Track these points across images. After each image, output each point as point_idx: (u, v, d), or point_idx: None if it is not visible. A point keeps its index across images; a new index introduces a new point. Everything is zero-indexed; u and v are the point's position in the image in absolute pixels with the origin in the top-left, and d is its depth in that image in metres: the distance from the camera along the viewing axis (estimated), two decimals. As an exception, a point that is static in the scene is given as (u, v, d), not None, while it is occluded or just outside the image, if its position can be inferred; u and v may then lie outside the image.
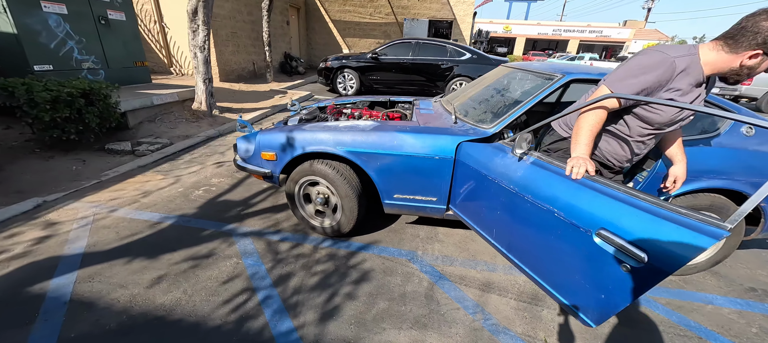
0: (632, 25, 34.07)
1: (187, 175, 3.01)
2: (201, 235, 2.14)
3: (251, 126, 2.33)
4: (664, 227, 0.97)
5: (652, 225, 0.99)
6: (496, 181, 1.51)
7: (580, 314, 1.22)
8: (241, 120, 2.33)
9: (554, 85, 1.78)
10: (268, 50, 8.06)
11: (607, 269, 1.09)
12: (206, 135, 4.07)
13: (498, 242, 1.60)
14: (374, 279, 1.81)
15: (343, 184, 1.95)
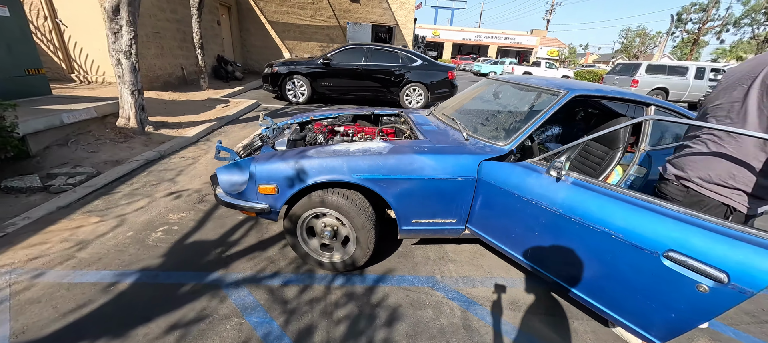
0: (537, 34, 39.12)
1: (134, 213, 2.44)
2: (179, 292, 1.72)
3: (235, 153, 1.96)
4: (742, 248, 1.03)
5: (728, 246, 1.05)
6: (534, 202, 1.50)
7: (641, 332, 1.27)
8: (220, 146, 1.95)
9: (561, 101, 1.85)
10: (201, 53, 7.16)
11: (680, 290, 1.13)
12: (143, 158, 3.38)
13: (533, 263, 1.59)
14: (405, 316, 1.66)
15: (358, 215, 1.75)
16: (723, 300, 1.06)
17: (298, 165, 1.70)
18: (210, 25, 9.09)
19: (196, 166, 3.41)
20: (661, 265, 1.16)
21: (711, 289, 1.07)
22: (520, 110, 2.19)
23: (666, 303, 1.19)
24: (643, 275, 1.22)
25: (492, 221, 1.73)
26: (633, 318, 1.31)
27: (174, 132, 4.29)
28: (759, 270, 1.00)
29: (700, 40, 27.52)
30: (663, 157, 1.93)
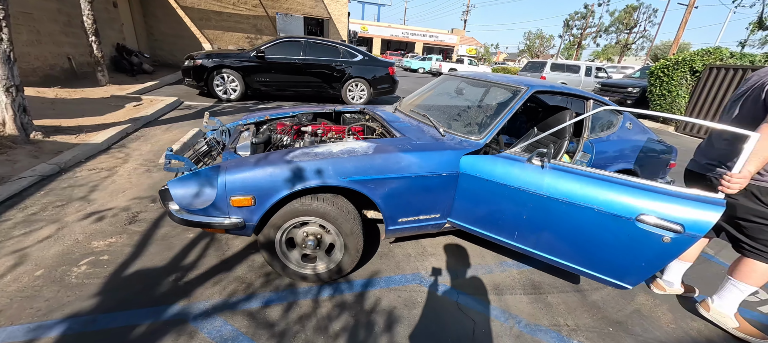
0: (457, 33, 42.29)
1: (38, 246, 1.90)
2: (133, 336, 1.40)
3: (191, 162, 1.65)
4: (689, 203, 1.34)
5: (678, 203, 1.35)
6: (521, 189, 1.61)
7: (616, 281, 1.53)
8: (171, 154, 1.63)
9: (524, 96, 2.02)
10: (96, 41, 5.93)
11: (649, 243, 1.40)
12: (36, 173, 2.65)
13: (521, 243, 1.73)
14: (403, 318, 1.64)
15: (346, 220, 1.65)
16: (680, 246, 1.36)
17: (278, 172, 1.52)
18: (103, 6, 7.55)
19: (115, 179, 2.81)
20: (635, 227, 1.40)
21: (672, 239, 1.35)
22: (487, 105, 2.33)
23: (639, 255, 1.46)
24: (621, 238, 1.46)
25: (477, 212, 1.80)
26: (612, 273, 1.56)
27: (74, 138, 3.47)
28: (704, 221, 1.31)
29: (582, 43, 33.13)
30: (599, 144, 2.27)
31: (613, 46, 34.86)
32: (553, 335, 1.62)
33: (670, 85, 7.74)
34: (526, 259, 2.21)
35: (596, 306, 1.85)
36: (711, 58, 7.23)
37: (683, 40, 36.08)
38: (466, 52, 40.78)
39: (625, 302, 1.89)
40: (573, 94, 2.26)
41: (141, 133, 4.09)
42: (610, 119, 2.45)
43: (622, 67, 18.42)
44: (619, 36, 32.23)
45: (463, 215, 1.87)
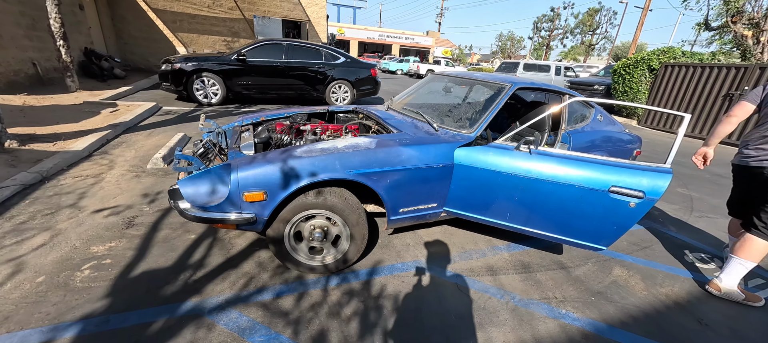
0: (433, 35, 43.10)
1: (34, 253, 1.86)
2: (150, 332, 1.43)
3: (199, 161, 1.69)
4: (646, 173, 1.61)
5: (640, 176, 1.62)
6: (512, 173, 1.79)
7: (592, 245, 1.78)
8: (180, 155, 1.66)
9: (509, 92, 2.19)
10: (64, 45, 5.66)
11: (619, 209, 1.66)
12: (18, 182, 2.55)
13: (512, 222, 1.91)
14: (408, 301, 1.75)
15: (352, 211, 1.75)
16: (642, 209, 1.64)
17: (288, 166, 1.60)
18: (70, 9, 7.19)
19: (103, 185, 2.75)
20: (608, 197, 1.66)
21: (636, 204, 1.61)
22: (475, 101, 2.50)
23: (611, 220, 1.71)
24: (597, 207, 1.70)
25: (472, 199, 1.95)
26: (591, 238, 1.80)
27: (52, 146, 3.34)
28: (658, 186, 1.59)
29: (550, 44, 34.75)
30: (575, 135, 2.49)
31: (578, 47, 36.83)
32: (545, 306, 1.79)
33: (631, 81, 8.36)
34: (516, 241, 2.39)
35: (579, 280, 2.04)
36: (665, 57, 7.89)
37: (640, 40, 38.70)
38: (442, 54, 41.64)
39: (603, 276, 2.11)
40: (551, 90, 2.47)
41: (122, 139, 3.98)
42: (584, 112, 2.69)
43: (587, 67, 19.55)
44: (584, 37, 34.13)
45: (459, 203, 2.01)
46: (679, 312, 1.84)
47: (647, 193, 1.61)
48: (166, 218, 2.33)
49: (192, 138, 4.16)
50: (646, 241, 2.61)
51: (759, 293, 2.05)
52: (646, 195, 1.61)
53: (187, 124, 4.88)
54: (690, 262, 2.35)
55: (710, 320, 1.80)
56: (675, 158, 5.27)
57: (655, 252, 2.44)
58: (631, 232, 2.73)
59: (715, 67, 6.89)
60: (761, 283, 2.19)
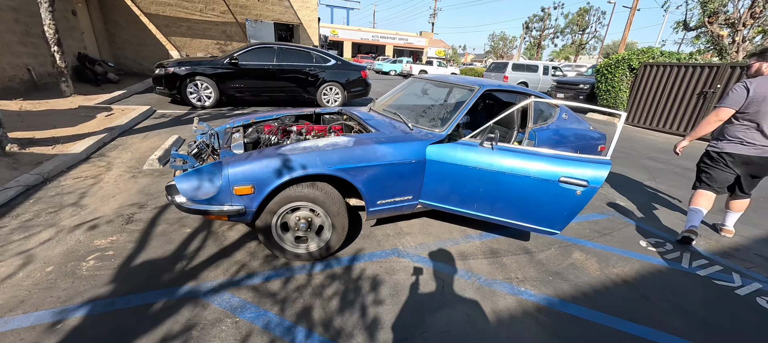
0: (426, 36, 43.41)
1: (41, 247, 2.03)
2: (152, 312, 1.61)
3: (194, 160, 1.88)
4: (589, 165, 1.83)
5: (584, 167, 1.84)
6: (478, 167, 2.00)
7: (547, 229, 1.98)
8: (176, 154, 1.84)
9: (477, 94, 2.41)
10: (59, 51, 5.78)
11: (568, 196, 1.88)
12: (21, 183, 2.71)
13: (478, 211, 2.12)
14: (386, 281, 1.96)
15: (333, 203, 1.95)
16: (587, 196, 1.86)
17: (274, 163, 1.79)
18: (63, 15, 7.28)
19: (102, 186, 2.92)
20: (558, 187, 1.87)
21: (582, 191, 1.84)
22: (448, 103, 2.71)
23: (561, 207, 1.93)
24: (549, 196, 1.92)
25: (443, 191, 2.16)
26: (545, 224, 2.02)
27: (50, 149, 3.48)
28: (599, 176, 1.83)
29: (541, 44, 35.21)
30: (541, 132, 2.71)
31: (569, 46, 37.39)
32: (506, 286, 2.01)
33: (613, 81, 8.66)
34: (488, 231, 2.60)
35: (541, 263, 2.26)
36: (644, 57, 8.20)
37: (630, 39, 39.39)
38: (435, 54, 41.95)
39: (563, 259, 2.33)
40: (516, 91, 2.70)
41: (118, 142, 4.13)
42: (550, 111, 2.91)
43: (576, 66, 19.94)
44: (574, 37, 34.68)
45: (432, 195, 2.22)
46: (626, 288, 2.06)
47: (590, 181, 1.83)
48: (163, 215, 2.50)
49: (186, 140, 4.32)
50: (607, 228, 2.84)
51: (701, 272, 2.29)
52: (589, 184, 1.83)
53: (181, 127, 5.03)
54: (644, 246, 2.58)
55: (651, 294, 2.02)
56: (648, 154, 5.54)
57: (614, 238, 2.67)
58: (595, 220, 2.96)
59: (691, 66, 7.20)
60: (705, 263, 2.42)
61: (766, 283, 2.22)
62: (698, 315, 1.88)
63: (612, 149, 1.85)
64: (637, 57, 8.31)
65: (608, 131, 7.67)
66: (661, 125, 7.78)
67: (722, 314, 1.91)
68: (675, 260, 2.43)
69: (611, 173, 4.36)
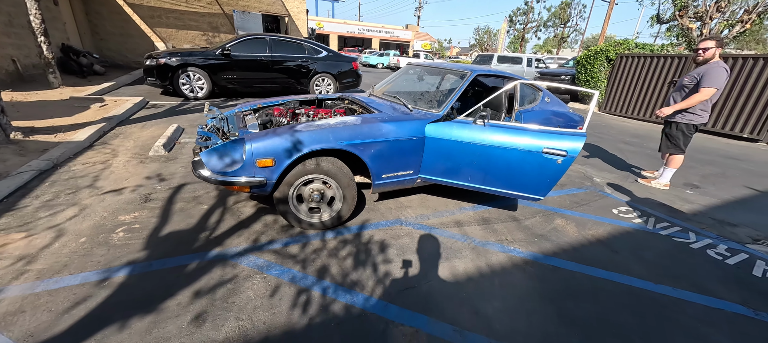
0: (412, 29, 43.48)
1: (69, 222, 2.17)
2: (187, 271, 1.80)
3: (217, 137, 2.05)
4: (568, 138, 2.09)
5: (563, 140, 2.09)
6: (472, 142, 2.25)
7: (533, 196, 2.22)
8: (202, 131, 2.01)
9: (469, 78, 2.65)
10: (45, 42, 5.70)
11: (550, 166, 2.15)
12: (34, 168, 2.80)
13: (472, 182, 2.38)
14: (392, 244, 2.20)
15: (344, 175, 2.17)
16: (566, 164, 2.15)
17: (293, 138, 1.99)
18: (44, 5, 7.07)
19: (113, 170, 3.03)
20: (542, 157, 2.13)
21: (562, 160, 2.11)
22: (442, 87, 2.95)
23: (545, 175, 2.20)
24: (534, 165, 2.18)
25: (440, 165, 2.41)
26: (531, 191, 2.29)
27: (54, 138, 3.54)
28: (576, 146, 2.10)
29: (525, 37, 35.93)
30: (526, 114, 2.99)
31: (552, 39, 38.32)
32: (498, 245, 2.29)
33: (592, 71, 9.12)
34: (480, 203, 2.88)
35: (528, 228, 2.56)
36: (620, 49, 8.67)
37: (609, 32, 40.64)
38: (422, 47, 42.16)
39: (547, 224, 2.63)
40: (506, 76, 2.96)
41: (118, 131, 4.19)
42: (534, 95, 3.20)
43: (558, 58, 20.58)
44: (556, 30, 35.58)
45: (431, 169, 2.47)
46: (599, 245, 2.38)
47: (569, 151, 2.12)
48: (178, 194, 2.66)
49: (185, 129, 4.42)
50: (585, 200, 3.17)
51: (663, 232, 2.64)
52: (568, 153, 2.12)
53: (176, 116, 5.10)
54: (616, 213, 2.92)
55: (620, 249, 2.35)
56: (623, 138, 5.95)
57: (590, 207, 3.00)
58: (575, 194, 3.29)
59: (662, 57, 7.70)
60: (667, 225, 2.78)
61: (716, 239, 2.58)
62: (657, 263, 2.21)
63: (587, 123, 2.14)
64: (613, 49, 8.78)
65: (587, 119, 8.11)
66: (636, 113, 8.29)
67: (676, 263, 2.24)
68: (641, 223, 2.78)
69: (591, 154, 4.73)
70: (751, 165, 4.81)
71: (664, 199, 3.31)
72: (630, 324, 1.67)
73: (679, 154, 3.39)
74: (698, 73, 3.06)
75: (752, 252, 2.42)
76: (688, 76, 3.14)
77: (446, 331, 1.54)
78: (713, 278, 2.09)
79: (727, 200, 3.39)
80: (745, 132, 6.49)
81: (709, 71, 2.96)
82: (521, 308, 1.72)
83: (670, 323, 1.69)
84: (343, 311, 1.61)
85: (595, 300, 1.82)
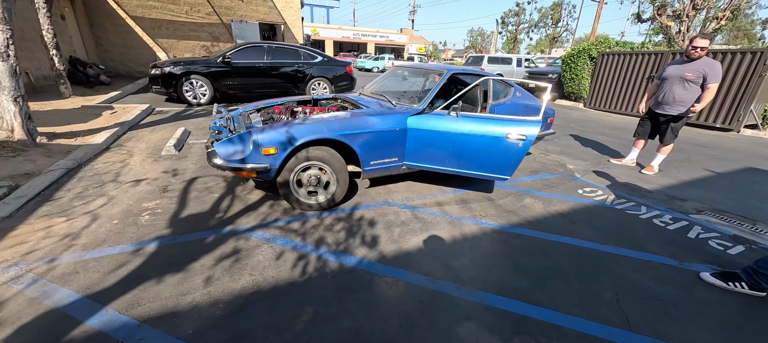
0: (406, 32, 44.08)
1: (101, 209, 2.52)
2: (206, 243, 2.15)
3: (228, 131, 2.41)
4: (526, 124, 2.43)
5: (523, 126, 2.43)
6: (447, 131, 2.62)
7: (501, 175, 2.57)
8: (216, 126, 2.37)
9: (446, 77, 3.03)
10: (57, 54, 6.07)
11: (513, 149, 2.49)
12: (61, 167, 3.15)
13: (449, 167, 2.74)
14: (379, 221, 2.55)
15: (336, 161, 2.53)
16: (526, 146, 2.49)
17: (292, 130, 2.35)
18: (54, 20, 7.45)
19: (131, 168, 3.38)
20: (506, 141, 2.49)
21: (522, 143, 2.45)
22: (424, 86, 3.32)
23: (509, 157, 2.55)
24: (499, 149, 2.53)
25: (421, 152, 2.77)
26: (498, 171, 2.63)
27: (74, 141, 3.89)
28: (533, 132, 2.45)
29: (517, 38, 36.54)
30: (499, 107, 3.37)
31: (543, 40, 38.98)
32: (471, 220, 2.64)
33: (576, 69, 9.54)
34: (460, 187, 3.24)
35: (500, 206, 2.92)
36: (602, 47, 9.10)
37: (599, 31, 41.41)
38: (416, 50, 42.71)
39: (517, 203, 2.99)
40: (477, 74, 3.34)
41: (130, 135, 4.54)
42: (507, 91, 3.58)
43: (550, 57, 21.07)
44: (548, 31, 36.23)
45: (413, 157, 2.83)
46: (559, 218, 2.74)
47: (528, 136, 2.48)
48: (191, 185, 3.01)
49: (191, 132, 4.78)
50: (555, 183, 3.54)
51: (618, 207, 3.00)
52: (526, 137, 2.48)
53: (182, 121, 5.46)
54: (580, 193, 3.29)
55: (577, 220, 2.71)
56: (601, 130, 6.33)
57: (558, 189, 3.37)
58: (547, 178, 3.66)
59: (641, 54, 8.12)
60: (623, 201, 3.14)
61: (664, 211, 2.95)
62: (606, 230, 2.57)
63: (542, 113, 2.51)
64: (595, 47, 9.21)
65: (567, 114, 8.52)
66: (618, 108, 8.70)
67: (623, 228, 2.61)
68: (601, 200, 3.15)
69: (569, 145, 5.10)
70: (717, 151, 5.20)
71: (627, 180, 3.68)
72: (571, 271, 2.03)
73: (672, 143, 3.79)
74: (699, 69, 3.31)
75: (692, 220, 2.79)
76: (693, 71, 3.35)
77: (421, 280, 1.90)
78: (652, 240, 2.45)
79: (684, 181, 3.77)
80: (718, 122, 6.90)
81: (712, 68, 3.27)
82: (484, 263, 2.08)
83: (604, 271, 2.05)
84: (337, 268, 1.97)
85: (545, 256, 2.18)
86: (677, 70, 3.49)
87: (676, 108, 3.54)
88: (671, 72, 3.54)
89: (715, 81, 3.30)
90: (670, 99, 3.56)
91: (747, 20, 23.33)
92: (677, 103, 3.52)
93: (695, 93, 3.43)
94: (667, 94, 3.57)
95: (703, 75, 3.32)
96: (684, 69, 3.43)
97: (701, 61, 3.34)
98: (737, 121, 6.66)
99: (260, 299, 1.69)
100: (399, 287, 1.83)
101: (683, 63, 3.47)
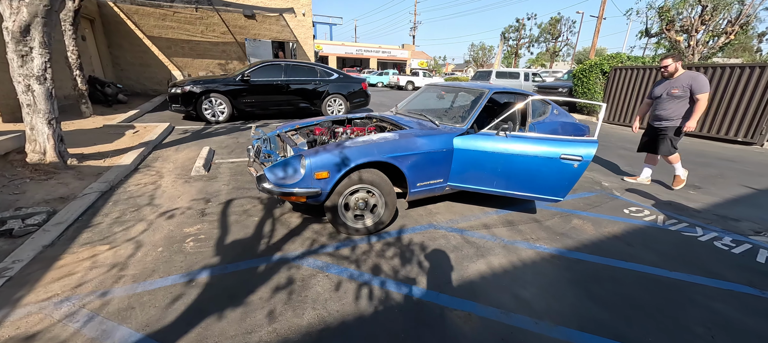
0: (408, 48, 44.77)
1: (143, 235, 2.43)
2: (259, 272, 2.05)
3: (277, 154, 2.35)
4: (582, 145, 2.37)
5: (577, 146, 2.37)
6: (496, 152, 2.55)
7: (554, 197, 2.50)
8: (267, 150, 2.31)
9: (487, 96, 2.98)
10: (80, 75, 6.12)
11: (567, 170, 2.42)
12: (96, 190, 3.08)
13: (497, 188, 2.66)
14: (430, 245, 2.45)
15: (386, 184, 2.46)
16: (582, 167, 2.42)
17: (343, 154, 2.29)
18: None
19: (164, 190, 3.31)
20: (560, 162, 2.41)
21: (578, 164, 2.38)
22: (463, 104, 3.28)
23: (563, 178, 2.48)
24: (553, 169, 2.46)
25: (468, 173, 2.69)
26: (551, 193, 2.56)
27: (103, 162, 3.84)
28: (590, 152, 2.38)
29: (518, 52, 37.02)
30: (538, 125, 3.31)
31: (544, 54, 39.48)
32: (525, 244, 2.54)
33: (588, 83, 9.57)
34: (502, 207, 3.15)
35: (549, 228, 2.82)
36: (614, 62, 9.14)
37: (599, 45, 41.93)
38: (418, 65, 43.28)
39: (566, 224, 2.89)
40: (517, 92, 3.30)
41: (156, 154, 4.50)
42: (544, 108, 3.53)
43: (553, 72, 21.26)
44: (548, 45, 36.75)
45: (458, 177, 2.75)
46: (614, 240, 2.64)
47: (584, 157, 2.41)
48: (228, 208, 2.93)
49: (216, 151, 4.74)
50: (597, 202, 3.44)
51: (672, 228, 2.90)
52: (583, 158, 2.41)
53: (203, 139, 5.43)
54: (627, 213, 3.19)
55: (634, 243, 2.60)
56: (622, 145, 6.26)
57: (603, 208, 3.27)
58: (587, 197, 3.56)
59: (651, 68, 8.14)
60: (675, 222, 3.04)
61: (721, 232, 2.84)
62: (668, 254, 2.46)
63: (597, 132, 2.44)
64: (607, 62, 9.25)
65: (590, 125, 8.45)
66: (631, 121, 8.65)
67: (686, 252, 2.50)
68: (652, 221, 3.04)
69: (596, 161, 5.03)
70: (746, 166, 5.10)
71: (670, 199, 3.58)
72: (649, 300, 1.91)
73: (677, 153, 3.78)
74: (684, 84, 3.46)
75: (755, 242, 2.68)
76: (678, 87, 3.50)
77: (494, 313, 1.79)
78: (721, 266, 2.34)
79: (728, 198, 3.67)
80: (739, 136, 6.83)
81: (696, 80, 3.37)
82: (554, 292, 1.97)
83: (684, 300, 1.94)
84: (402, 300, 1.86)
85: (615, 283, 2.07)
86: (664, 87, 3.65)
87: (673, 122, 3.64)
88: (660, 90, 3.70)
89: (701, 92, 3.38)
90: (664, 115, 3.68)
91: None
92: (672, 118, 3.62)
93: (686, 105, 3.54)
94: (661, 111, 3.70)
95: (689, 87, 3.44)
96: (670, 86, 3.59)
97: (684, 75, 3.51)
98: (760, 135, 6.59)
99: (331, 336, 1.58)
100: (473, 322, 1.72)
101: (667, 81, 3.65)
